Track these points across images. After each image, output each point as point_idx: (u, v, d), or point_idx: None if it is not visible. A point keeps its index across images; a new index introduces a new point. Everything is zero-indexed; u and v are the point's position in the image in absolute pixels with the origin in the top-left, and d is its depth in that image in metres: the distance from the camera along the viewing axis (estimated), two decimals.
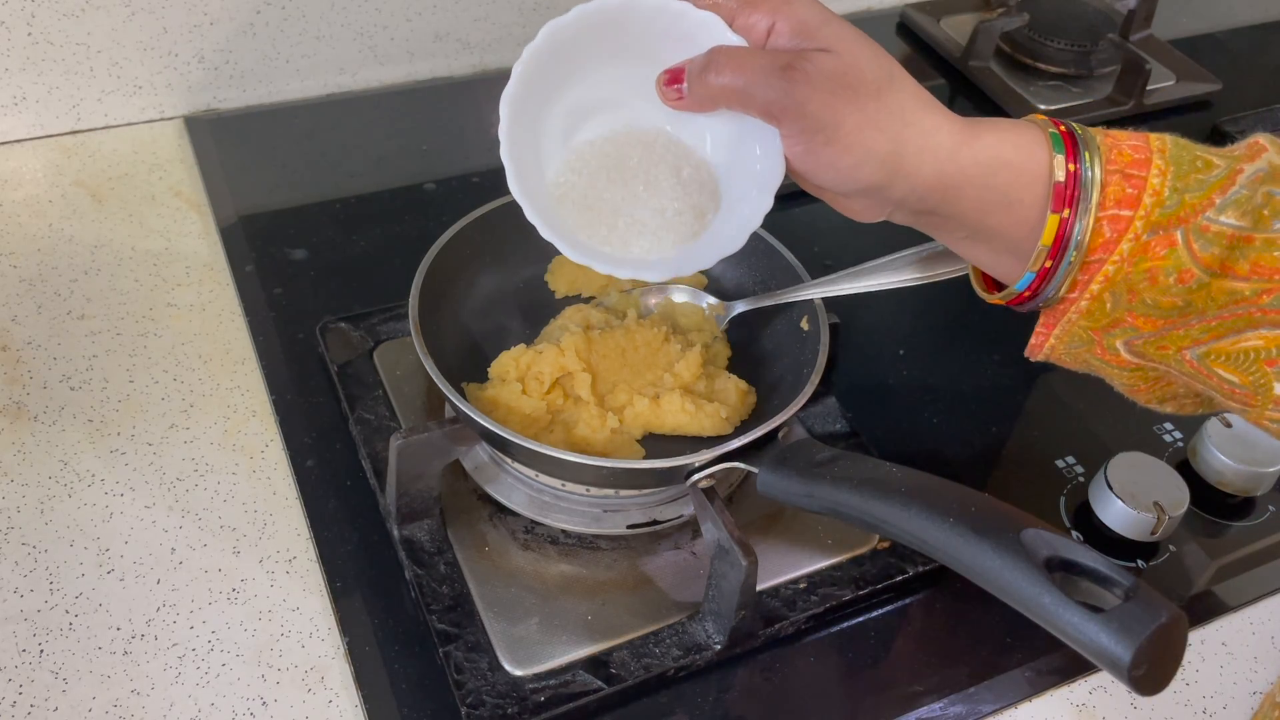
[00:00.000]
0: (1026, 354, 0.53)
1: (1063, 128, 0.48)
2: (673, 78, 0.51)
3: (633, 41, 0.52)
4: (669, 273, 0.54)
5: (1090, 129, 0.49)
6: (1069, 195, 0.47)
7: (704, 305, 0.71)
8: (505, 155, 0.51)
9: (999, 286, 0.53)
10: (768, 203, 0.52)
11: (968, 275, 0.56)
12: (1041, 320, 0.51)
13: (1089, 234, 0.47)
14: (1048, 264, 0.48)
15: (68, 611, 0.60)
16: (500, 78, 0.50)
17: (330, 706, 0.58)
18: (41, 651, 0.58)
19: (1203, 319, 0.48)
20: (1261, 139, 0.48)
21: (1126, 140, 0.48)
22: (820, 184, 0.50)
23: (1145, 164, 0.47)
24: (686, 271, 0.55)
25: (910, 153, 0.48)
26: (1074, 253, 0.47)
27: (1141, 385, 0.52)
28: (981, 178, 0.48)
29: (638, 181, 0.54)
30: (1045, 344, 0.51)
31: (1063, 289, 0.49)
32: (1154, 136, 0.48)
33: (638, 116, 0.55)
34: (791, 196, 0.53)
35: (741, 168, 0.53)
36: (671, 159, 0.55)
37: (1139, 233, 0.46)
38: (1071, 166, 0.47)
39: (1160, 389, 0.53)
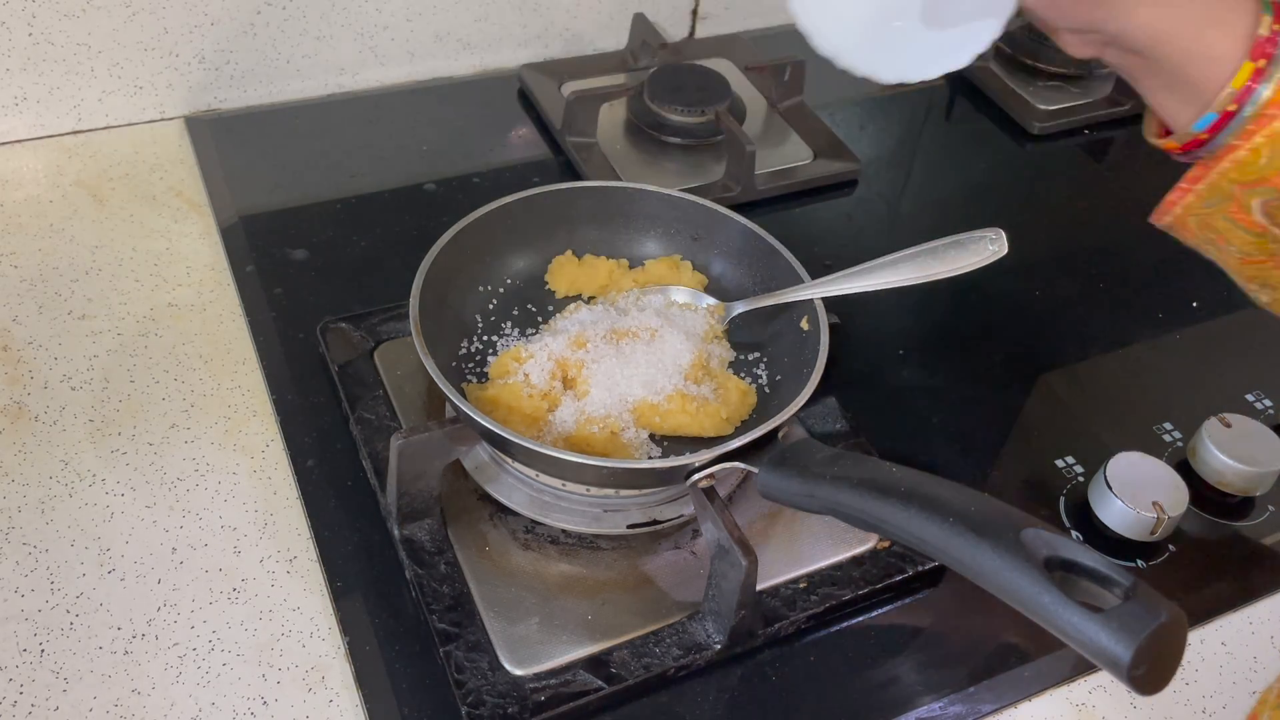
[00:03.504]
0: (1153, 218, 0.54)
1: None
2: None
3: None
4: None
5: None
6: (1267, 49, 0.49)
7: (704, 306, 0.71)
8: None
9: (1168, 132, 0.54)
10: None
11: (967, 274, 0.56)
12: (1187, 176, 0.53)
13: (1274, 88, 0.49)
14: (1231, 108, 0.50)
15: (68, 611, 0.60)
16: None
17: (331, 706, 0.58)
18: (42, 651, 0.58)
19: None
20: None
21: None
22: (1043, 17, 0.53)
23: None
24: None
25: None
26: (1252, 106, 0.49)
27: (1256, 256, 0.54)
28: (1195, 30, 0.50)
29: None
30: (1183, 199, 0.53)
31: (1235, 136, 0.50)
32: None
33: None
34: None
35: None
36: None
37: None
38: (1277, 26, 0.49)
39: (1267, 270, 0.54)
